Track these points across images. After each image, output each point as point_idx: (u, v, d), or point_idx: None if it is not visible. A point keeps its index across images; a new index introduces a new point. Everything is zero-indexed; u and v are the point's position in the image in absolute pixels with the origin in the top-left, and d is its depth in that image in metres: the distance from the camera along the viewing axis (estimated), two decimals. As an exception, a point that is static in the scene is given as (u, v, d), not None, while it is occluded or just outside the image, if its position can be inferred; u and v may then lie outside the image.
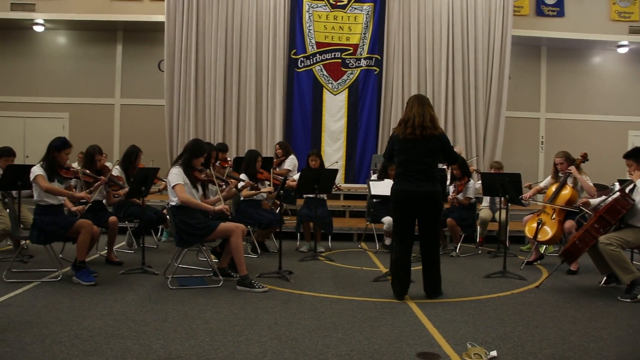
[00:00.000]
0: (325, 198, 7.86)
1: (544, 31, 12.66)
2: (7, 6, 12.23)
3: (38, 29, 12.90)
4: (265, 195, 7.22)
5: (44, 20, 12.58)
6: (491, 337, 3.99)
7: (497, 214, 7.81)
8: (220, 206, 5.50)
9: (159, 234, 8.45)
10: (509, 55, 12.10)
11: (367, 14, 11.96)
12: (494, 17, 12.08)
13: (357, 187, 11.45)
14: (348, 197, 10.94)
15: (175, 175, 5.37)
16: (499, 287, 5.62)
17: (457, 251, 7.56)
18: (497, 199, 7.69)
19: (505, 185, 6.28)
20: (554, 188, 6.72)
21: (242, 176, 6.91)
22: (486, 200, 8.19)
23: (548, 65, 13.51)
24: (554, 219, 6.48)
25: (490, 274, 6.16)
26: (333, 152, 11.94)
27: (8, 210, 6.19)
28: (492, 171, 8.24)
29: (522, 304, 4.98)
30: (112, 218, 6.37)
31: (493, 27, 12.09)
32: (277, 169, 8.62)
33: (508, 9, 12.05)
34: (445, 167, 8.37)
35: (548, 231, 6.48)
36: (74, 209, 5.68)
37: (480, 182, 7.70)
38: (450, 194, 7.62)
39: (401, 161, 5.05)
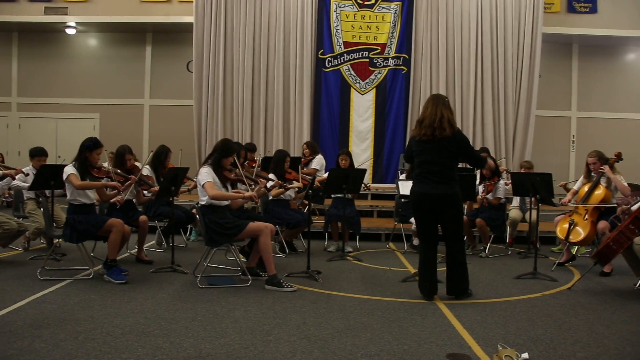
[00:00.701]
0: (351, 197, 7.83)
1: (575, 28, 12.39)
2: (41, 10, 12.54)
3: (70, 31, 13.19)
4: (293, 194, 7.24)
5: (76, 23, 12.84)
6: (522, 339, 3.93)
7: (527, 215, 7.69)
8: (248, 193, 5.59)
9: (188, 233, 8.53)
10: (539, 54, 11.85)
11: (395, 13, 11.88)
12: (524, 14, 11.84)
13: (384, 187, 11.40)
14: (376, 197, 10.91)
15: (205, 174, 5.42)
16: (530, 289, 5.54)
17: (487, 252, 7.47)
18: (527, 199, 7.58)
19: (536, 185, 6.17)
20: (586, 188, 6.59)
21: (271, 176, 6.95)
22: (516, 201, 8.08)
23: (580, 63, 13.19)
24: (586, 219, 6.36)
25: (521, 275, 6.07)
26: (361, 152, 11.88)
27: (42, 209, 6.33)
28: (522, 171, 8.12)
29: (553, 306, 4.90)
30: (143, 217, 6.46)
31: (523, 24, 11.85)
32: (305, 169, 8.63)
33: (538, 6, 11.79)
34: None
35: (580, 232, 6.36)
36: (113, 200, 5.86)
37: (510, 182, 7.59)
38: (480, 193, 7.53)
39: (418, 163, 5.03)
